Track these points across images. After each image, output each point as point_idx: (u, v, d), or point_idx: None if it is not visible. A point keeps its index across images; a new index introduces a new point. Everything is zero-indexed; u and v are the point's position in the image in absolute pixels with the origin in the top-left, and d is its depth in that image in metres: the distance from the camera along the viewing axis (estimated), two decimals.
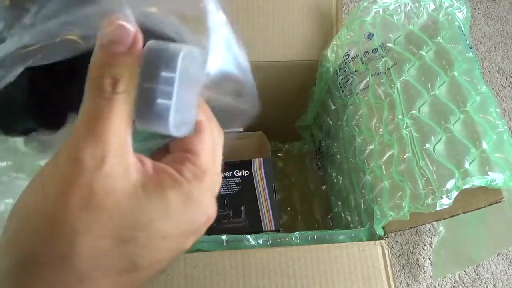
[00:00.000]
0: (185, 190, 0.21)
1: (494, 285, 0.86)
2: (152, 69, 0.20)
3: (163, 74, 0.20)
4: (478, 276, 0.86)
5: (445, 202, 0.47)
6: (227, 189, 0.67)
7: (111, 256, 0.19)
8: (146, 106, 0.20)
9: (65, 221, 0.18)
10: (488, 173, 0.47)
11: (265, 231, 0.65)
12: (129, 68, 0.20)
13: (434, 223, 0.81)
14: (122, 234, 0.19)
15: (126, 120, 0.20)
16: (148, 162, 0.21)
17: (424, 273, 0.86)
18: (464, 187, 0.47)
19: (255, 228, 0.65)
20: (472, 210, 0.49)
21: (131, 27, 0.20)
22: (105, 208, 0.19)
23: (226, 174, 0.66)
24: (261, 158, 0.70)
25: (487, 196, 0.48)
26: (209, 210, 0.22)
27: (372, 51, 0.62)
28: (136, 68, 0.20)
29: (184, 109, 0.21)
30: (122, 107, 0.19)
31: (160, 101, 0.20)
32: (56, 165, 0.19)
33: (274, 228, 0.66)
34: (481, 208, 0.49)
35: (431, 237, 0.89)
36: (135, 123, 0.21)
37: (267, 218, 0.66)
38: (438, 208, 0.48)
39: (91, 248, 0.18)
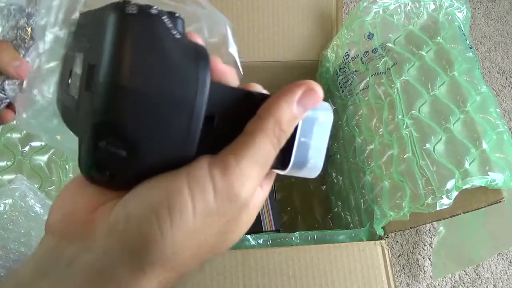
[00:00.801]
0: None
1: (494, 285, 0.86)
2: (308, 126, 0.23)
3: (316, 129, 0.24)
4: (478, 276, 0.86)
5: (445, 202, 0.47)
6: None
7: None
8: (301, 157, 0.23)
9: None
10: (488, 173, 0.47)
11: (265, 231, 0.65)
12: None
13: (434, 223, 0.81)
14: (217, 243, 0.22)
15: None
16: None
17: (424, 273, 0.85)
18: (464, 187, 0.47)
19: (255, 228, 0.65)
20: (472, 210, 0.49)
21: (321, 94, 0.23)
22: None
23: None
24: None
25: (487, 196, 0.48)
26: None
27: (372, 51, 0.62)
28: None
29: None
30: (272, 160, 0.22)
31: (313, 151, 0.24)
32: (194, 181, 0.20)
33: (274, 228, 0.66)
34: (481, 208, 0.49)
35: (431, 237, 0.89)
36: (280, 168, 0.24)
37: (267, 218, 0.66)
38: (438, 208, 0.48)
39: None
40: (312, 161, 0.24)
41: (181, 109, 0.19)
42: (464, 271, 0.86)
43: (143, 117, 0.19)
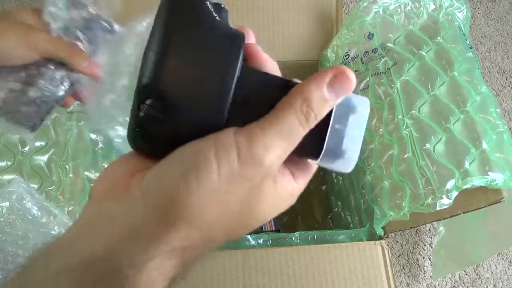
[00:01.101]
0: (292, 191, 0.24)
1: (494, 285, 0.85)
2: (343, 113, 0.23)
3: (352, 119, 0.23)
4: (478, 276, 0.86)
5: (445, 202, 0.47)
6: None
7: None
8: (335, 145, 0.23)
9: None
10: (488, 173, 0.47)
11: (265, 231, 0.65)
12: (329, 110, 0.23)
13: (434, 223, 0.81)
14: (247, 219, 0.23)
15: None
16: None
17: (424, 273, 0.85)
18: (464, 187, 0.47)
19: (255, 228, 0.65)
20: (472, 210, 0.49)
21: (354, 79, 0.22)
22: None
23: None
24: None
25: (487, 196, 0.48)
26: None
27: (372, 51, 0.62)
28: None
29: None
30: (300, 139, 0.22)
31: (348, 140, 0.23)
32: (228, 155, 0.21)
33: (274, 228, 0.66)
34: (481, 208, 0.49)
35: (431, 237, 0.89)
36: (313, 157, 0.23)
37: None
38: (438, 208, 0.48)
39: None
40: (347, 151, 0.23)
41: (213, 79, 0.21)
42: (464, 271, 0.86)
43: (180, 82, 0.21)
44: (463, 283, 0.85)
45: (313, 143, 0.23)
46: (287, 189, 0.23)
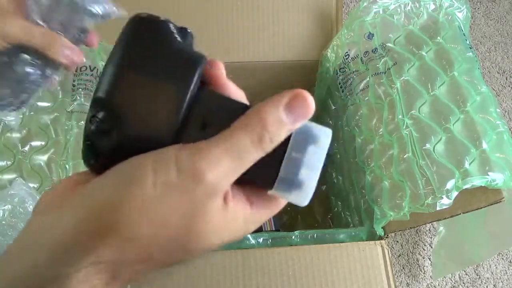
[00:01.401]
0: (248, 216, 0.23)
1: (494, 285, 0.86)
2: (302, 142, 0.22)
3: (311, 148, 0.22)
4: (478, 276, 0.86)
5: (445, 202, 0.47)
6: None
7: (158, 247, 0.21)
8: (291, 174, 0.22)
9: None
10: (488, 173, 0.47)
11: (265, 231, 0.65)
12: (285, 136, 0.22)
13: (434, 223, 0.81)
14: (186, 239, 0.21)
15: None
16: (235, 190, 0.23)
17: (424, 273, 0.85)
18: (464, 187, 0.47)
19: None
20: (472, 210, 0.49)
21: (312, 103, 0.22)
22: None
23: None
24: None
25: (487, 196, 0.48)
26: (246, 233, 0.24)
27: (372, 51, 0.62)
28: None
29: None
30: (254, 162, 0.21)
31: (305, 171, 0.22)
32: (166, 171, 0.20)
33: (274, 228, 0.66)
34: (481, 208, 0.49)
35: (431, 237, 0.89)
36: (268, 185, 0.22)
37: None
38: (438, 208, 0.48)
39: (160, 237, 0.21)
40: (304, 182, 0.22)
41: (165, 97, 0.22)
42: (464, 271, 0.86)
43: (133, 98, 0.22)
44: (463, 283, 0.85)
45: (268, 171, 0.22)
46: (239, 214, 0.22)
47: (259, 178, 0.22)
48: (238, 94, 0.24)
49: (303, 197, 0.22)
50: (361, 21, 0.63)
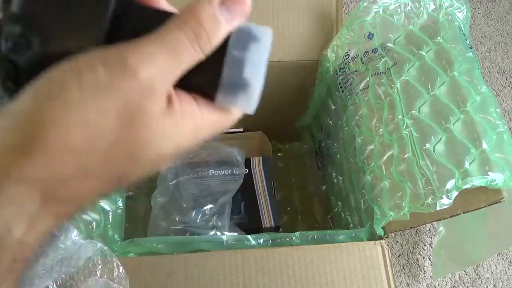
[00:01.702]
0: (198, 120, 0.21)
1: (494, 285, 0.86)
2: (242, 41, 0.21)
3: (252, 46, 0.21)
4: (478, 276, 0.86)
5: (445, 202, 0.47)
6: None
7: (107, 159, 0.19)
8: (235, 74, 0.21)
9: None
10: (488, 173, 0.47)
11: (265, 228, 0.66)
12: (225, 35, 0.20)
13: (434, 223, 0.81)
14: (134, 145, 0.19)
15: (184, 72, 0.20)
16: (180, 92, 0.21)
17: (424, 273, 0.86)
18: (464, 187, 0.47)
19: (255, 224, 0.65)
20: (472, 210, 0.49)
21: (249, 2, 0.20)
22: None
23: (226, 172, 0.66)
24: (260, 157, 0.70)
25: (487, 196, 0.48)
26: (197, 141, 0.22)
27: (372, 51, 0.62)
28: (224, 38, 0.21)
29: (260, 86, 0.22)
30: (193, 62, 0.20)
31: (249, 70, 0.21)
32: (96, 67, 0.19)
33: (273, 225, 0.66)
34: (481, 208, 0.49)
35: (431, 237, 0.89)
36: (212, 90, 0.21)
37: (266, 215, 0.66)
38: (438, 208, 0.48)
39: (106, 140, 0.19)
40: (250, 81, 0.21)
41: (88, 7, 0.20)
42: (464, 271, 0.86)
43: (53, 9, 0.20)
44: (463, 283, 0.85)
45: (211, 74, 0.21)
46: (187, 116, 0.20)
47: (203, 83, 0.21)
48: (171, 10, 0.22)
49: (249, 101, 0.21)
50: (361, 21, 0.63)
